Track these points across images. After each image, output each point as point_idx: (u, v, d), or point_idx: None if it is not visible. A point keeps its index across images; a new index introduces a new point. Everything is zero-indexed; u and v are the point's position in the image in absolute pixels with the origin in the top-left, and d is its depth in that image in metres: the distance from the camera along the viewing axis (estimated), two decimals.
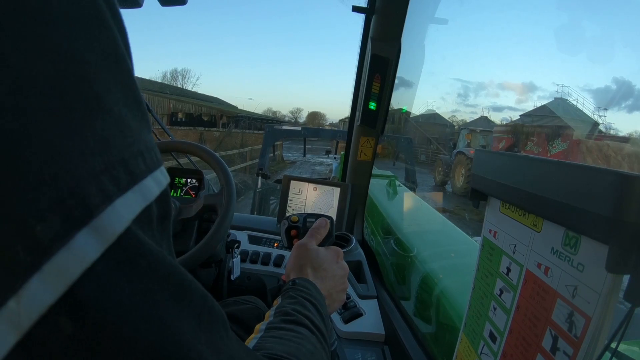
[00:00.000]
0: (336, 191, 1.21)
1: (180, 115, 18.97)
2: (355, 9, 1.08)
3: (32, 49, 0.13)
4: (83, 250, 0.13)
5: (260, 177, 3.82)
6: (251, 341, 0.34)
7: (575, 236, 0.29)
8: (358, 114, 1.16)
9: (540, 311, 0.33)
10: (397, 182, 1.70)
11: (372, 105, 1.10)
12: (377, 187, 1.51)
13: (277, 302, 0.42)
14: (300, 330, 0.36)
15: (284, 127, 4.33)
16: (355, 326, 0.77)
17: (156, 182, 0.18)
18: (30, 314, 0.12)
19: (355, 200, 1.25)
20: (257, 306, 0.85)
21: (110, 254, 0.14)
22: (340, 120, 40.67)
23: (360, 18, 1.10)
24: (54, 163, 0.13)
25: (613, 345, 0.25)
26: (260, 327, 0.37)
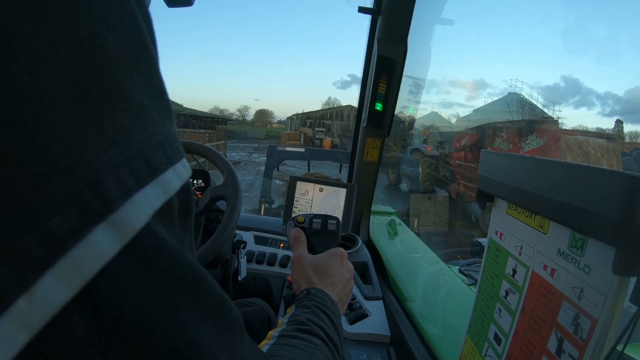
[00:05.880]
0: (342, 192, 1.21)
1: None
2: (362, 9, 1.08)
3: (49, 31, 0.12)
4: (100, 246, 0.12)
5: (263, 205, 3.65)
6: (263, 347, 0.33)
7: (582, 238, 0.29)
8: (364, 115, 1.16)
9: (545, 313, 0.32)
10: (398, 221, 1.46)
11: (379, 106, 1.10)
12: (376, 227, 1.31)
13: (291, 310, 0.41)
14: (313, 341, 0.35)
15: (287, 149, 3.85)
16: (360, 327, 0.77)
17: (177, 175, 0.17)
18: (43, 313, 0.11)
19: (361, 201, 1.25)
20: (262, 308, 0.85)
21: (129, 251, 0.13)
22: (287, 118, 37.57)
23: (367, 19, 1.10)
24: (71, 153, 0.12)
25: (619, 347, 0.25)
26: (272, 333, 0.36)
